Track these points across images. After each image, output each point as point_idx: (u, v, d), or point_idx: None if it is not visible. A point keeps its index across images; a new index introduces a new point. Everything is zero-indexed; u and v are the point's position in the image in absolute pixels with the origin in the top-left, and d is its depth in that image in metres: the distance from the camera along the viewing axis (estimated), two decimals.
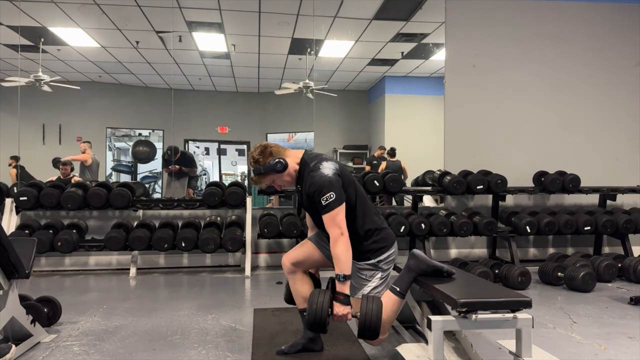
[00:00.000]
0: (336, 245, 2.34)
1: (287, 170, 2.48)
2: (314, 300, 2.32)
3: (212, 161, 11.95)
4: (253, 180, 2.60)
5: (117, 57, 8.91)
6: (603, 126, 6.01)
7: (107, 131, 10.62)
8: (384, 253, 2.53)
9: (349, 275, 2.35)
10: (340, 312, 2.32)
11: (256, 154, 2.50)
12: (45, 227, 5.09)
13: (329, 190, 2.34)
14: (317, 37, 7.70)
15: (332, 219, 2.35)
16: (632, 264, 4.67)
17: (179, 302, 3.92)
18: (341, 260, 2.33)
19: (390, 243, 2.57)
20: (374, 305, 2.29)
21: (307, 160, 2.50)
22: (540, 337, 2.97)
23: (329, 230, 2.37)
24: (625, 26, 6.04)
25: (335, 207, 2.34)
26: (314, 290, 2.40)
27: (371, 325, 2.26)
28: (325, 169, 2.41)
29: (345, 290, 2.34)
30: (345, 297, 2.33)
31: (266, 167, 2.47)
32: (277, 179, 2.53)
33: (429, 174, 6.12)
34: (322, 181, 2.37)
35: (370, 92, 11.12)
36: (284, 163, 2.46)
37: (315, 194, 2.37)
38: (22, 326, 2.71)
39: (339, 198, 2.36)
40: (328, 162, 2.47)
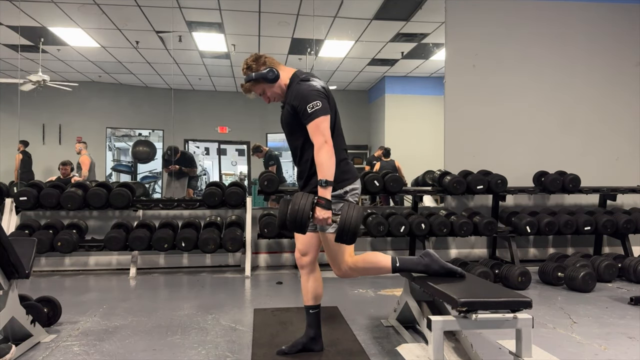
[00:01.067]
0: (320, 153, 2.34)
1: (278, 82, 2.50)
2: (296, 201, 2.31)
3: (212, 161, 11.95)
4: (244, 88, 2.60)
5: (117, 57, 8.90)
6: (603, 126, 6.01)
7: (107, 131, 10.62)
8: (350, 184, 2.52)
9: (332, 181, 2.35)
10: (322, 215, 2.32)
11: (250, 60, 2.52)
12: (45, 227, 5.09)
13: (316, 98, 2.36)
14: (317, 37, 7.70)
15: (316, 126, 2.35)
16: (632, 264, 4.67)
17: (179, 302, 3.92)
18: (324, 166, 2.33)
19: (355, 176, 2.58)
20: (354, 211, 2.30)
21: (298, 74, 2.51)
22: (540, 337, 2.97)
23: (314, 139, 2.37)
24: (625, 26, 6.04)
25: (321, 115, 2.36)
26: (298, 193, 2.39)
27: (350, 229, 2.26)
28: (314, 81, 2.45)
29: (327, 195, 2.33)
30: (327, 202, 2.32)
31: (258, 74, 2.49)
32: (268, 90, 2.54)
33: (429, 174, 6.12)
34: (310, 90, 2.39)
35: (370, 92, 11.12)
36: (276, 72, 2.49)
37: (302, 101, 2.37)
38: (22, 326, 2.72)
39: (324, 108, 2.37)
40: (318, 79, 2.49)
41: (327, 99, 2.44)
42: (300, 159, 2.56)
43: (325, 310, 2.71)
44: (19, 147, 7.48)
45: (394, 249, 5.57)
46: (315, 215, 2.33)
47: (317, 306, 2.64)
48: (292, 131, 2.52)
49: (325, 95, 2.44)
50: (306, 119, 2.38)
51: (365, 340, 2.91)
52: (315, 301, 2.63)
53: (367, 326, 3.21)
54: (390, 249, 5.59)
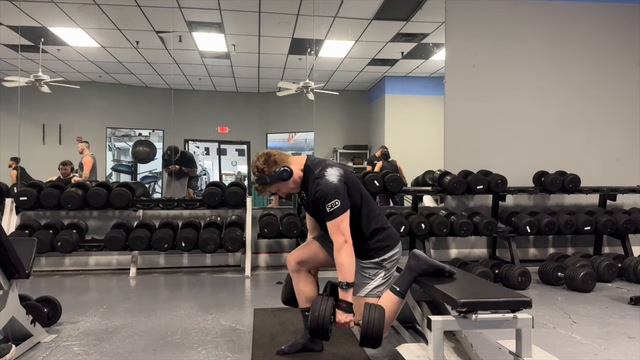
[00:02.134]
0: (340, 253, 2.35)
1: (292, 178, 2.48)
2: (316, 307, 2.33)
3: (212, 161, 11.95)
4: (257, 190, 2.58)
5: (117, 57, 8.91)
6: (603, 126, 6.01)
7: (107, 131, 10.62)
8: (388, 252, 2.54)
9: (352, 283, 2.36)
10: (343, 319, 2.33)
11: (260, 163, 2.47)
12: (45, 227, 5.09)
13: (334, 197, 2.35)
14: (317, 37, 7.70)
15: (336, 226, 2.36)
16: (632, 264, 4.67)
17: (179, 302, 3.92)
18: (344, 268, 2.34)
19: (394, 242, 2.58)
20: (376, 313, 2.30)
21: (311, 167, 2.49)
22: (540, 337, 2.97)
23: (333, 238, 2.38)
24: (625, 26, 6.04)
25: (340, 214, 2.35)
26: (317, 297, 2.41)
27: (373, 334, 2.28)
28: (330, 175, 2.42)
29: (348, 298, 2.35)
30: (348, 305, 2.34)
31: (272, 176, 2.46)
32: (282, 187, 2.53)
33: (429, 174, 6.13)
34: (327, 188, 2.37)
35: (370, 92, 11.12)
36: (289, 171, 2.46)
37: (321, 201, 2.37)
38: (22, 326, 2.72)
39: (343, 205, 2.36)
40: (333, 169, 2.46)
41: (344, 188, 2.41)
42: None
43: None
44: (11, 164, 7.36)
45: None
46: (336, 319, 2.34)
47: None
48: (321, 218, 2.50)
49: (343, 187, 2.41)
50: (326, 217, 2.38)
51: None
52: (309, 303, 2.60)
53: None
54: None
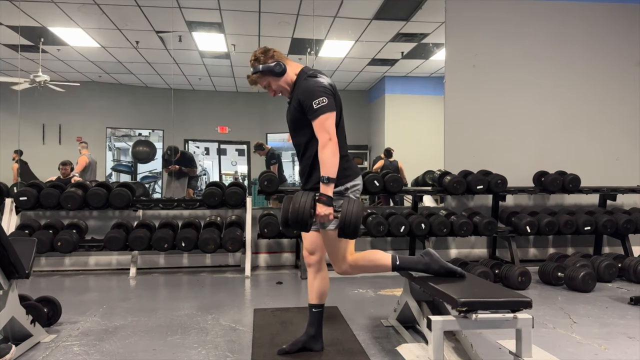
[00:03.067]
0: (324, 150, 2.35)
1: (284, 76, 2.51)
2: (297, 199, 2.32)
3: (212, 161, 11.95)
4: (250, 79, 2.60)
5: (117, 57, 8.91)
6: (603, 126, 6.01)
7: (107, 131, 10.62)
8: (351, 181, 2.53)
9: (334, 178, 2.36)
10: (323, 212, 2.33)
11: (259, 52, 2.52)
12: (45, 227, 5.09)
13: (322, 95, 2.37)
14: (317, 37, 7.70)
15: (321, 123, 2.36)
16: (632, 264, 4.67)
17: (179, 302, 3.92)
18: (327, 164, 2.34)
19: (356, 173, 2.58)
20: (355, 206, 2.31)
21: (305, 71, 2.52)
22: (540, 337, 2.97)
23: (318, 135, 2.38)
24: (625, 26, 6.04)
25: (327, 111, 2.36)
26: (299, 191, 2.40)
27: (351, 224, 2.28)
28: (321, 78, 2.45)
29: (328, 192, 2.34)
30: (328, 199, 2.34)
31: (265, 66, 2.49)
32: (273, 83, 2.54)
33: (429, 174, 6.13)
34: (316, 86, 2.40)
35: (370, 92, 11.13)
36: (283, 66, 2.49)
37: (308, 97, 2.38)
38: (22, 326, 2.71)
39: (330, 104, 2.38)
40: (325, 76, 2.50)
41: (333, 96, 2.44)
42: (304, 155, 2.56)
43: (325, 310, 2.71)
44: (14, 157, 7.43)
45: (394, 248, 5.57)
46: (316, 212, 2.34)
47: (320, 305, 2.64)
48: (297, 127, 2.52)
49: (332, 92, 2.45)
50: (311, 114, 2.38)
51: (365, 340, 2.91)
52: (319, 300, 2.63)
53: (367, 326, 3.21)
54: (390, 248, 5.58)
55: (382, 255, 2.63)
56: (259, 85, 2.59)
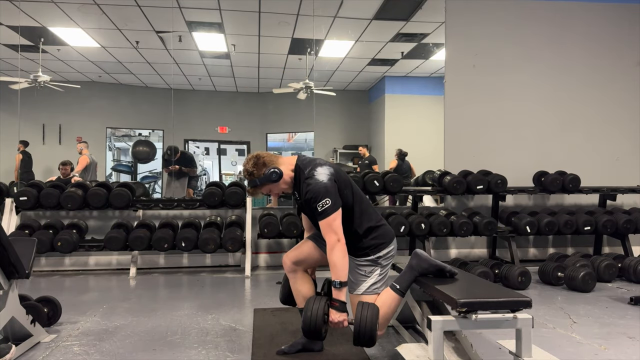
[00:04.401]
0: (333, 252, 2.35)
1: (282, 179, 2.49)
2: (309, 307, 2.33)
3: (212, 161, 11.95)
4: (249, 192, 2.61)
5: (117, 57, 8.90)
6: (603, 126, 6.01)
7: (107, 131, 10.62)
8: (383, 249, 2.54)
9: (346, 282, 2.36)
10: (336, 319, 2.33)
11: (249, 166, 2.50)
12: (45, 227, 5.09)
13: (325, 196, 2.35)
14: (317, 37, 7.70)
15: (328, 225, 2.36)
16: (632, 264, 4.67)
17: (179, 302, 3.92)
18: (337, 267, 2.34)
19: (389, 239, 2.58)
20: (369, 312, 2.30)
21: (302, 167, 2.50)
22: (540, 337, 2.97)
23: (326, 237, 2.38)
24: (625, 26, 6.04)
25: (331, 213, 2.35)
26: (310, 297, 2.41)
27: (366, 332, 2.27)
28: (320, 175, 2.42)
29: (341, 297, 2.35)
30: (342, 304, 2.34)
31: (261, 178, 2.48)
32: (274, 188, 2.54)
33: (429, 174, 6.12)
34: (317, 188, 2.37)
35: (370, 92, 11.12)
36: (278, 172, 2.47)
37: (312, 200, 2.38)
38: (22, 326, 2.71)
39: (334, 204, 2.36)
40: (322, 167, 2.46)
41: (335, 186, 2.41)
42: None
43: None
44: (19, 147, 7.50)
45: None
46: (330, 319, 2.34)
47: None
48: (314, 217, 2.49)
49: (334, 183, 2.41)
50: (318, 216, 2.39)
51: None
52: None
53: None
54: None
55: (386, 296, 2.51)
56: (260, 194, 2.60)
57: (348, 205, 2.47)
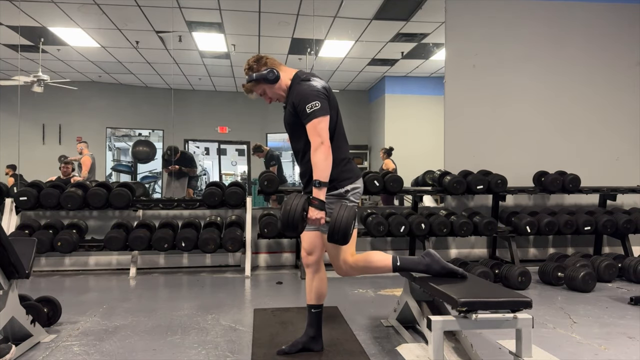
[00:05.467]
0: (316, 153, 2.35)
1: (278, 83, 2.52)
2: (289, 202, 2.32)
3: (212, 161, 11.96)
4: (245, 88, 2.61)
5: (117, 57, 8.91)
6: (603, 126, 6.01)
7: (107, 131, 10.63)
8: (351, 183, 2.53)
9: (326, 182, 2.36)
10: (314, 215, 2.33)
11: (252, 60, 2.54)
12: (45, 227, 5.09)
13: (315, 99, 2.37)
14: (317, 37, 7.70)
15: (314, 127, 2.36)
16: (632, 264, 4.67)
17: (179, 302, 3.92)
18: (319, 167, 2.34)
19: (356, 176, 2.58)
20: (345, 211, 2.30)
21: (299, 75, 2.53)
22: (540, 337, 2.97)
23: (311, 139, 2.38)
24: (625, 26, 6.04)
25: (319, 115, 2.36)
26: (292, 194, 2.40)
27: (340, 228, 2.26)
28: (315, 82, 2.45)
29: (321, 196, 2.35)
30: (320, 203, 2.34)
31: (259, 74, 2.50)
32: (269, 90, 2.55)
33: (429, 174, 6.12)
34: (309, 90, 2.40)
35: (370, 92, 11.13)
36: (276, 73, 2.50)
37: (301, 101, 2.38)
38: (22, 326, 2.71)
39: (323, 108, 2.38)
40: (319, 79, 2.50)
41: (327, 99, 2.44)
42: (302, 158, 2.56)
43: (325, 310, 2.71)
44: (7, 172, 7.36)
45: (394, 249, 5.57)
46: (308, 215, 2.34)
47: (319, 306, 2.64)
48: (294, 131, 2.53)
49: (326, 95, 2.44)
50: (305, 118, 2.39)
51: (365, 340, 2.91)
52: (317, 300, 2.63)
53: (367, 326, 3.21)
54: (390, 249, 5.59)
55: (383, 256, 2.62)
56: (255, 93, 2.60)
57: (330, 126, 2.45)
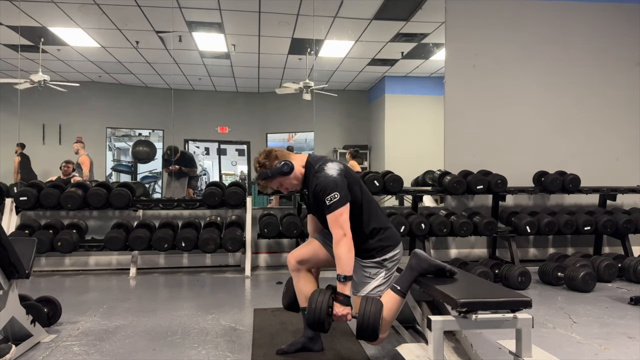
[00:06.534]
0: (339, 246, 2.35)
1: (293, 173, 2.50)
2: (313, 299, 2.33)
3: (212, 161, 11.95)
4: (260, 185, 2.60)
5: (117, 57, 8.90)
6: (603, 126, 6.01)
7: (107, 131, 10.62)
8: (389, 252, 2.53)
9: (350, 276, 2.36)
10: (340, 312, 2.33)
11: (261, 158, 2.52)
12: (45, 227, 5.09)
13: (334, 190, 2.36)
14: (317, 37, 7.70)
15: (335, 219, 2.36)
16: (632, 264, 4.67)
17: (179, 302, 3.92)
18: (343, 261, 2.34)
19: (395, 243, 2.58)
20: (372, 306, 2.30)
21: (312, 163, 2.51)
22: (540, 337, 2.97)
23: (332, 231, 2.38)
24: (625, 26, 6.04)
25: (339, 207, 2.35)
26: (315, 290, 2.41)
27: (369, 326, 2.27)
28: (330, 169, 2.43)
29: (346, 291, 2.35)
30: (345, 298, 2.34)
31: (273, 170, 2.48)
32: (284, 182, 2.54)
33: (429, 174, 6.12)
34: (327, 181, 2.38)
35: (370, 92, 11.12)
36: (290, 165, 2.48)
37: (321, 193, 2.38)
38: (22, 326, 2.71)
39: (343, 198, 2.37)
40: (333, 163, 2.49)
41: (345, 182, 2.42)
42: None
43: None
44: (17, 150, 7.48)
45: None
46: (334, 312, 2.34)
47: None
48: (321, 214, 2.49)
49: (343, 181, 2.42)
50: (325, 210, 2.39)
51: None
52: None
53: None
54: None
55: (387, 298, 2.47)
56: (270, 188, 2.58)
57: (357, 203, 2.47)
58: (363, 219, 2.50)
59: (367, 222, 2.50)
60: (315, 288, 2.64)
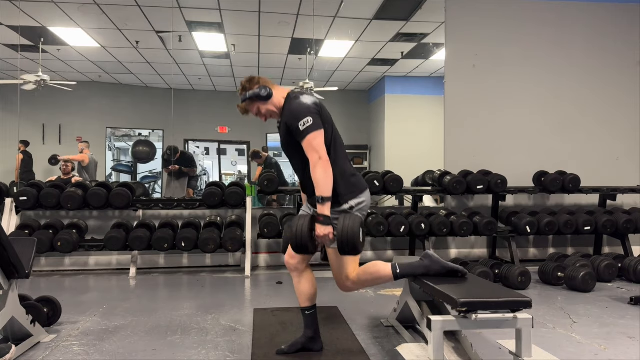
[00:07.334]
0: (315, 169, 2.35)
1: (271, 100, 2.53)
2: (294, 223, 2.33)
3: (212, 161, 11.96)
4: (240, 109, 2.64)
5: (117, 57, 8.91)
6: (603, 126, 6.01)
7: (107, 131, 10.62)
8: (355, 198, 2.48)
9: (329, 197, 2.35)
10: (322, 232, 2.33)
11: (244, 81, 2.59)
12: (45, 227, 5.09)
13: (307, 115, 2.37)
14: (317, 37, 7.70)
15: (309, 143, 2.36)
16: (632, 264, 4.67)
17: (179, 302, 3.92)
18: (320, 183, 2.34)
19: (362, 189, 2.54)
20: (350, 221, 2.30)
21: (290, 94, 2.54)
22: (540, 337, 2.97)
23: (308, 155, 2.38)
24: (625, 26, 6.04)
25: (313, 131, 2.36)
26: (296, 216, 2.40)
27: (348, 239, 2.26)
28: (305, 98, 2.46)
29: (325, 211, 2.34)
30: (326, 218, 2.33)
31: (251, 92, 2.53)
32: (262, 107, 2.56)
33: (429, 174, 6.12)
34: (300, 107, 2.40)
35: (370, 92, 11.13)
36: (268, 90, 2.52)
37: (294, 119, 2.38)
38: (22, 326, 2.71)
39: (316, 123, 2.37)
40: (309, 96, 2.51)
41: (319, 114, 2.43)
42: (303, 175, 2.55)
43: (325, 310, 2.72)
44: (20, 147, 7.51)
45: (394, 249, 5.58)
46: (316, 233, 2.34)
47: (312, 307, 2.63)
48: (291, 149, 2.52)
49: (317, 110, 2.43)
50: (299, 136, 2.38)
51: (365, 340, 2.91)
52: (309, 302, 2.61)
53: (367, 326, 3.21)
54: (390, 249, 5.59)
55: (383, 267, 2.58)
56: (251, 113, 2.62)
57: (326, 142, 2.43)
58: (330, 159, 2.42)
59: (334, 163, 2.44)
60: (315, 288, 2.65)
